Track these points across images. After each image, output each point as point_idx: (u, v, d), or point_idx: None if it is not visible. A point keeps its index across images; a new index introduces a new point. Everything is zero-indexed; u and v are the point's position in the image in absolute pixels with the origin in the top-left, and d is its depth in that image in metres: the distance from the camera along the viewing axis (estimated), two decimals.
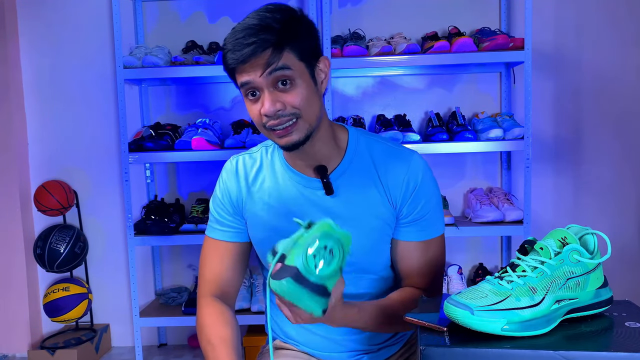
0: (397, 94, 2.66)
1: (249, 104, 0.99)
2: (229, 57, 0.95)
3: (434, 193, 1.08)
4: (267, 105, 0.94)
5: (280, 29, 0.93)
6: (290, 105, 0.95)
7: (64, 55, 2.71)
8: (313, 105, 0.98)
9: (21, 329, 2.70)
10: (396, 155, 1.07)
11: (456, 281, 2.46)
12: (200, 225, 2.41)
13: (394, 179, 1.06)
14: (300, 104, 0.95)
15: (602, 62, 2.57)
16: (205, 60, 2.36)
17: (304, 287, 0.76)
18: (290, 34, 0.95)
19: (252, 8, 0.99)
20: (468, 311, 0.74)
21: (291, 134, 0.97)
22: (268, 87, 0.94)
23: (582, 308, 0.82)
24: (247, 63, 0.93)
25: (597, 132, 2.60)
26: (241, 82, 0.96)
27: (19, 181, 2.66)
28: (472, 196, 2.51)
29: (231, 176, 1.13)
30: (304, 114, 0.96)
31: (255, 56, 0.92)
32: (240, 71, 0.95)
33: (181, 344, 2.81)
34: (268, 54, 0.92)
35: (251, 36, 0.92)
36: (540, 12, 2.52)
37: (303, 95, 0.96)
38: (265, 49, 0.92)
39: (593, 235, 0.84)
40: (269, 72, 0.93)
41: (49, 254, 2.52)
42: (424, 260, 1.08)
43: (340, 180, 1.06)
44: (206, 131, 2.41)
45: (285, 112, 0.95)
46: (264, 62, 0.92)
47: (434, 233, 1.09)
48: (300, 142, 0.98)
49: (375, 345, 1.14)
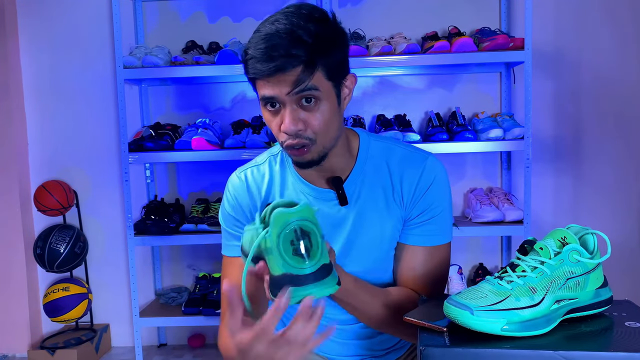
0: (397, 94, 2.66)
1: (267, 114, 0.93)
2: (251, 67, 0.88)
3: (445, 197, 1.04)
4: (288, 123, 0.89)
5: (312, 44, 0.86)
6: (311, 129, 0.90)
7: (64, 55, 2.71)
8: (332, 127, 0.93)
9: (21, 329, 2.70)
10: (411, 158, 1.04)
11: (456, 281, 2.46)
12: (200, 226, 2.40)
13: (407, 182, 1.02)
14: (321, 128, 0.91)
15: (602, 62, 2.57)
16: (205, 60, 2.36)
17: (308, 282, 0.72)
18: (322, 50, 0.88)
19: (251, 8, 0.99)
20: (468, 311, 0.74)
21: (304, 155, 0.93)
22: (292, 105, 0.89)
23: (582, 308, 0.82)
24: (274, 77, 0.86)
25: (597, 132, 2.60)
26: (264, 95, 0.90)
27: (19, 181, 2.66)
28: (472, 196, 2.51)
29: (241, 191, 1.07)
30: (321, 139, 0.92)
31: (284, 72, 0.85)
32: (263, 82, 0.89)
33: (181, 344, 2.81)
34: (298, 71, 0.86)
35: (280, 48, 0.85)
36: (540, 12, 2.52)
37: (325, 117, 0.91)
38: (296, 66, 0.85)
39: (593, 235, 0.84)
40: (297, 91, 0.87)
41: (49, 254, 2.52)
42: (427, 268, 1.04)
43: (354, 187, 1.03)
44: (206, 131, 2.41)
45: (305, 134, 0.90)
46: (292, 80, 0.86)
47: (442, 240, 1.04)
48: (314, 162, 0.94)
49: (382, 350, 1.14)
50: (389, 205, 1.03)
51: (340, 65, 0.93)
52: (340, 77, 0.94)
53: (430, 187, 1.02)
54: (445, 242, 1.05)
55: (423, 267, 1.04)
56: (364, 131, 1.09)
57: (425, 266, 1.04)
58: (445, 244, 1.05)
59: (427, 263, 1.04)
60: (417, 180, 1.02)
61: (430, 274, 1.04)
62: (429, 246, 1.03)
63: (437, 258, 1.05)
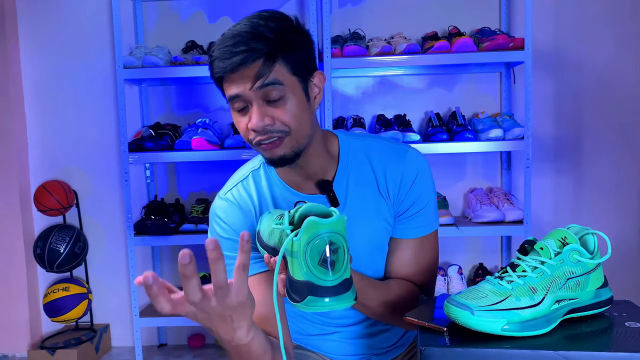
0: (397, 94, 2.66)
1: (236, 117, 0.94)
2: (216, 66, 0.89)
3: (429, 187, 1.06)
4: (254, 119, 0.89)
5: (273, 39, 0.88)
6: (280, 122, 0.90)
7: (64, 55, 2.71)
8: (303, 123, 0.93)
9: (21, 329, 2.70)
10: (391, 152, 1.05)
11: (456, 281, 2.46)
12: (200, 225, 2.41)
13: (391, 176, 1.03)
14: (290, 122, 0.90)
15: (602, 62, 2.57)
16: (205, 60, 2.36)
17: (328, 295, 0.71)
18: (284, 45, 0.89)
19: (252, 8, 0.98)
20: (468, 311, 0.74)
21: (276, 150, 0.92)
22: (257, 101, 0.89)
23: (582, 308, 0.82)
24: (236, 73, 0.88)
25: (597, 132, 2.60)
26: (229, 95, 0.91)
27: (19, 181, 2.66)
28: (472, 196, 2.51)
29: (233, 212, 1.03)
30: (293, 132, 0.91)
31: (245, 66, 0.87)
32: (228, 82, 0.90)
33: (181, 344, 2.81)
34: (258, 65, 0.87)
35: (241, 44, 0.86)
36: (540, 12, 2.52)
37: (293, 112, 0.90)
38: (256, 59, 0.87)
39: (593, 235, 0.84)
40: (259, 85, 0.87)
41: (49, 254, 2.52)
42: (419, 258, 1.06)
43: (341, 188, 1.03)
44: (206, 131, 2.41)
45: (274, 128, 0.90)
46: (253, 74, 0.87)
47: (429, 229, 1.06)
48: (287, 158, 0.93)
49: (383, 348, 1.15)
50: (377, 201, 1.04)
51: (306, 62, 0.94)
52: (307, 74, 0.94)
53: (415, 181, 1.03)
54: (434, 230, 1.07)
55: (415, 258, 1.06)
56: (342, 131, 1.09)
57: (417, 257, 1.06)
58: (433, 232, 1.07)
59: (418, 253, 1.06)
60: (401, 175, 1.03)
61: (423, 263, 1.06)
62: (419, 237, 1.05)
63: (427, 247, 1.07)
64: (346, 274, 0.73)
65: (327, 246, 0.70)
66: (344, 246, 0.73)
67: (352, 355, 1.14)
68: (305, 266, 0.71)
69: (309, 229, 0.70)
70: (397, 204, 1.04)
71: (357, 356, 1.14)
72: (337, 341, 1.13)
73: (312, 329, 1.14)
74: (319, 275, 0.71)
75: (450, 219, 2.36)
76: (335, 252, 0.71)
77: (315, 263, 0.71)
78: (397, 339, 1.16)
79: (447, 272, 2.52)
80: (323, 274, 0.71)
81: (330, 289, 0.71)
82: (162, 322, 2.56)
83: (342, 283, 0.72)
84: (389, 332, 1.14)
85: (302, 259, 0.71)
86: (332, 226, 0.71)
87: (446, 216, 2.36)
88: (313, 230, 0.70)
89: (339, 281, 0.72)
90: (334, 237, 0.71)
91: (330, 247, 0.71)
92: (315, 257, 0.71)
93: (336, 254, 0.71)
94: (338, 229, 0.72)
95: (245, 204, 1.04)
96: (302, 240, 0.71)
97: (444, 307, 0.78)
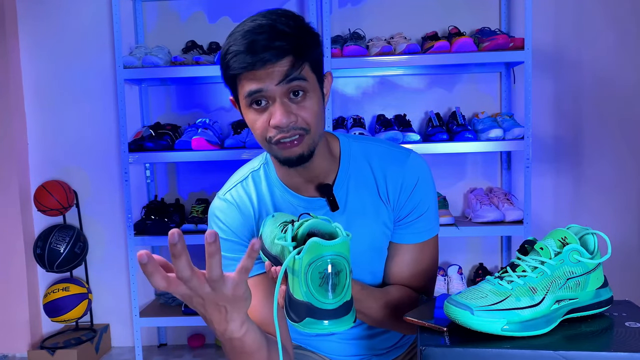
0: (397, 94, 2.66)
1: (252, 115, 0.90)
2: (237, 61, 0.85)
3: (430, 193, 1.05)
4: (279, 116, 0.86)
5: (297, 36, 0.86)
6: (302, 119, 0.89)
7: (64, 55, 2.71)
8: (320, 122, 0.92)
9: (21, 329, 2.70)
10: (392, 157, 1.03)
11: (456, 281, 2.46)
12: (200, 225, 2.41)
13: (391, 181, 1.02)
14: (311, 119, 0.89)
15: (602, 62, 2.57)
16: (205, 60, 2.37)
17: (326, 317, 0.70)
18: (305, 42, 0.88)
19: (251, 8, 0.99)
20: (468, 311, 0.74)
21: (295, 148, 0.90)
22: (281, 97, 0.87)
23: (582, 308, 0.82)
24: (262, 69, 0.85)
25: (597, 132, 2.60)
26: (249, 91, 0.87)
27: (19, 181, 2.67)
28: (472, 196, 2.51)
29: (232, 213, 1.03)
30: (312, 130, 0.90)
31: (273, 63, 0.84)
32: (249, 77, 0.86)
33: (181, 344, 2.81)
34: (289, 61, 0.85)
35: (266, 40, 0.84)
36: (540, 12, 2.52)
37: (313, 109, 0.90)
38: (287, 55, 0.85)
39: (593, 235, 0.84)
40: (287, 81, 0.85)
41: (49, 254, 2.52)
42: (418, 263, 1.05)
43: (342, 192, 1.02)
44: (206, 131, 2.41)
45: (297, 125, 0.88)
46: (283, 71, 0.85)
47: (429, 234, 1.05)
48: (305, 157, 0.92)
49: (383, 349, 1.15)
50: (377, 205, 1.03)
51: (320, 60, 0.94)
52: (321, 72, 0.94)
53: (415, 187, 1.02)
54: (433, 236, 1.07)
55: (414, 263, 1.05)
56: (342, 133, 1.09)
57: (416, 262, 1.05)
58: (434, 237, 1.07)
59: (417, 258, 1.05)
60: (402, 180, 1.02)
61: (422, 268, 1.06)
62: (419, 242, 1.05)
63: (427, 252, 1.06)
64: (347, 296, 0.71)
65: (329, 269, 0.69)
66: (347, 269, 0.71)
67: (353, 356, 1.14)
68: (306, 286, 0.69)
69: (312, 251, 0.68)
70: (397, 209, 1.03)
71: (358, 357, 1.14)
72: (337, 342, 1.13)
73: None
74: (319, 298, 0.69)
75: (450, 219, 2.36)
76: (337, 274, 0.69)
77: (316, 285, 0.69)
78: (397, 340, 1.16)
79: (447, 272, 2.52)
80: (323, 296, 0.69)
81: (330, 312, 0.70)
82: (162, 322, 2.56)
83: (342, 306, 0.71)
84: (389, 334, 1.14)
85: (303, 279, 0.69)
86: (335, 249, 0.69)
87: (446, 216, 2.36)
88: (316, 252, 0.68)
89: (339, 304, 0.70)
90: (337, 260, 0.69)
91: (332, 270, 0.69)
92: (316, 279, 0.69)
93: (338, 277, 0.69)
94: (342, 252, 0.70)
95: (244, 205, 1.03)
96: (304, 261, 0.69)
97: (444, 307, 0.78)
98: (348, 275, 0.71)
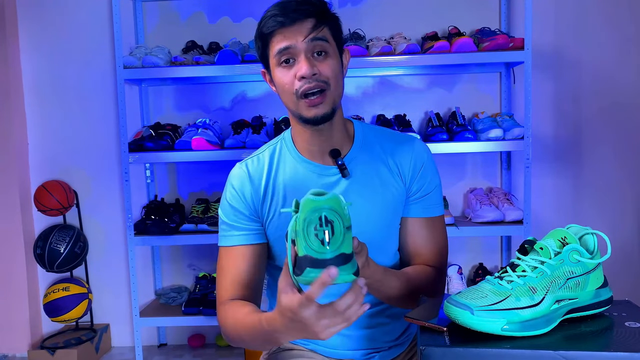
0: (397, 94, 2.66)
1: (281, 72, 1.03)
2: (272, 22, 1.02)
3: (436, 173, 1.16)
4: (305, 67, 1.00)
5: (320, 5, 1.04)
6: (324, 74, 1.01)
7: (64, 55, 2.71)
8: (339, 84, 1.05)
9: (21, 329, 2.70)
10: (400, 138, 1.16)
11: (456, 281, 2.46)
12: (200, 226, 2.41)
13: (401, 158, 1.13)
14: (331, 75, 1.02)
15: (602, 62, 2.57)
16: (205, 60, 2.36)
17: (324, 267, 0.76)
18: (328, 12, 1.05)
19: (251, 8, 1.01)
20: (468, 311, 0.74)
21: (320, 105, 1.02)
22: (306, 53, 1.01)
23: (582, 308, 0.82)
24: (291, 27, 1.00)
25: (597, 132, 2.60)
26: (280, 48, 1.01)
27: (19, 181, 2.67)
28: (472, 196, 2.51)
29: (244, 181, 1.13)
30: (333, 87, 1.03)
31: (301, 21, 1.01)
32: (280, 36, 1.02)
33: (181, 344, 2.81)
34: (312, 22, 1.01)
35: (299, 4, 1.01)
36: (540, 12, 2.52)
37: (333, 69, 1.03)
38: (310, 16, 1.01)
39: (593, 235, 0.84)
40: (311, 38, 1.00)
41: (49, 254, 2.52)
42: (432, 238, 1.13)
43: (354, 163, 1.11)
44: (206, 131, 2.41)
45: (320, 78, 1.01)
46: (308, 28, 1.01)
47: (438, 211, 1.15)
48: (327, 115, 1.03)
49: (385, 342, 1.16)
50: (387, 179, 1.12)
51: (341, 35, 1.09)
52: (341, 44, 1.09)
53: (424, 165, 1.14)
54: (441, 214, 1.17)
55: (431, 237, 1.14)
56: (356, 120, 1.21)
57: (432, 236, 1.14)
58: (442, 215, 1.17)
59: (433, 233, 1.14)
60: (411, 157, 1.14)
61: (438, 243, 1.14)
62: (430, 217, 1.14)
63: (438, 228, 1.15)
64: (343, 248, 0.77)
65: (322, 220, 0.75)
66: (339, 222, 0.77)
67: (355, 351, 1.14)
68: (304, 241, 0.75)
69: (305, 206, 0.76)
70: (409, 183, 1.13)
71: (359, 351, 1.14)
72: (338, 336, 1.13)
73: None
74: (316, 249, 0.75)
75: (450, 219, 2.36)
76: (331, 225, 0.76)
77: (312, 237, 0.75)
78: (399, 334, 1.17)
79: (447, 272, 2.52)
80: (319, 247, 0.75)
81: (328, 261, 0.75)
82: (162, 322, 2.56)
83: (339, 256, 0.76)
84: (389, 326, 1.15)
85: (302, 235, 0.76)
86: (326, 203, 0.76)
87: (446, 216, 2.35)
88: (308, 207, 0.76)
89: (336, 254, 0.76)
90: (328, 213, 0.76)
91: (326, 222, 0.76)
92: (312, 232, 0.75)
93: (332, 228, 0.76)
94: (332, 206, 0.77)
95: (255, 176, 1.13)
96: (301, 218, 0.76)
97: (444, 307, 0.78)
98: (342, 229, 0.77)
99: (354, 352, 1.14)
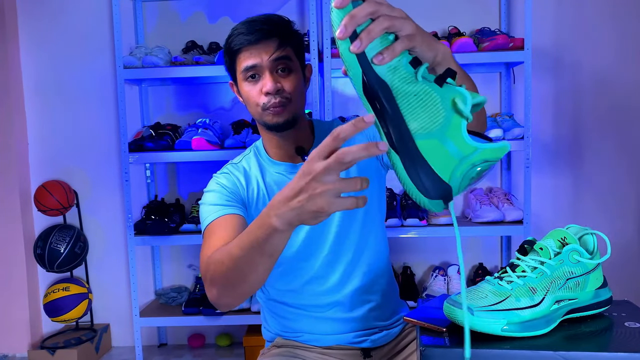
0: None
1: (248, 86, 1.12)
2: (239, 39, 1.09)
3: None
4: (270, 83, 1.08)
5: (284, 26, 1.12)
6: (287, 90, 1.10)
7: (64, 55, 2.71)
8: (301, 97, 1.14)
9: (21, 329, 2.70)
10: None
11: (456, 281, 2.46)
12: (200, 226, 2.40)
13: (354, 139, 1.10)
14: (294, 91, 1.11)
15: (602, 62, 2.57)
16: (205, 60, 2.36)
17: (448, 201, 0.69)
18: (291, 32, 1.14)
19: (251, 9, 1.03)
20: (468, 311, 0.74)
21: (282, 114, 1.10)
22: (271, 71, 1.09)
23: (582, 308, 0.82)
24: (257, 45, 1.08)
25: (597, 132, 2.60)
26: (247, 66, 1.09)
27: (19, 181, 2.67)
28: (472, 196, 2.51)
29: (230, 178, 1.19)
30: (294, 100, 1.11)
31: (266, 40, 1.08)
32: (247, 54, 1.09)
33: (181, 344, 2.81)
34: (277, 41, 1.09)
35: (263, 24, 1.09)
36: (540, 12, 2.52)
37: (295, 84, 1.12)
38: (274, 36, 1.09)
39: (593, 235, 0.84)
40: (276, 57, 1.08)
41: (49, 254, 2.52)
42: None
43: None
44: (206, 131, 2.41)
45: (284, 94, 1.10)
46: (272, 48, 1.09)
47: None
48: (289, 122, 1.12)
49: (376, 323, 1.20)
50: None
51: (303, 53, 1.18)
52: (303, 60, 1.18)
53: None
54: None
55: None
56: (314, 119, 1.30)
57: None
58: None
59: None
60: (361, 134, 1.16)
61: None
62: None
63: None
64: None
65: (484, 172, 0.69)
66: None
67: (346, 334, 1.19)
68: (461, 178, 0.67)
69: (492, 153, 0.69)
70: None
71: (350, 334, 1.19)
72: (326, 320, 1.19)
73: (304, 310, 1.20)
74: (459, 189, 0.68)
75: (450, 219, 2.36)
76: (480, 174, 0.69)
77: (467, 179, 0.68)
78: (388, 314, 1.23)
79: (447, 272, 2.52)
80: (463, 188, 0.69)
81: (450, 198, 0.69)
82: (162, 322, 2.56)
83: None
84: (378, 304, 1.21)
85: (465, 169, 0.68)
86: (499, 154, 0.70)
87: (446, 216, 2.35)
88: (493, 155, 0.69)
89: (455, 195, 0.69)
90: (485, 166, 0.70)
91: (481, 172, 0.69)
92: (473, 174, 0.69)
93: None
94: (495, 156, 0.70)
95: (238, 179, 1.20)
96: (475, 158, 0.68)
97: (444, 307, 0.78)
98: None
99: (345, 335, 1.18)
